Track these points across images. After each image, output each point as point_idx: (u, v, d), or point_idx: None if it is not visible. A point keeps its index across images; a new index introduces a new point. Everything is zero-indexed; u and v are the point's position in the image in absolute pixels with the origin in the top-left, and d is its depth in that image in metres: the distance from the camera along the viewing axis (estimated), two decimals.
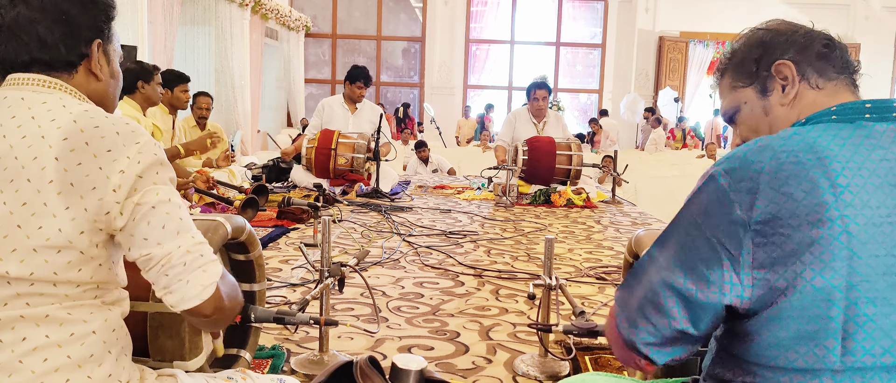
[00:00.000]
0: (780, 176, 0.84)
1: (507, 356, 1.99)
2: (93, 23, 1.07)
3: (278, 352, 1.92)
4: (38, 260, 0.95)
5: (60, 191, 0.95)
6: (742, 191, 0.85)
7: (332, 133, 5.18)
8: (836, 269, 0.81)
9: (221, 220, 1.37)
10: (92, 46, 1.08)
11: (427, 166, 7.97)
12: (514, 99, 13.77)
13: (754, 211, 0.84)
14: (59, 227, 0.95)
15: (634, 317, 0.93)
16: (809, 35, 1.04)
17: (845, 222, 0.81)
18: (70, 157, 0.95)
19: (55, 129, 0.97)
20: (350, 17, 13.95)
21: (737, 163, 0.88)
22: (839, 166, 0.84)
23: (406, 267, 3.03)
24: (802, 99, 1.01)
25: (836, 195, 0.82)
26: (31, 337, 0.96)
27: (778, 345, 0.85)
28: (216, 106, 8.31)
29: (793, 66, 1.02)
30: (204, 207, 3.94)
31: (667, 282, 0.90)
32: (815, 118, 0.94)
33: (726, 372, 0.92)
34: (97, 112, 1.02)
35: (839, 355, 0.82)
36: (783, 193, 0.83)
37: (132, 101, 3.77)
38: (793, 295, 0.82)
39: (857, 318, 0.81)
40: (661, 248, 0.94)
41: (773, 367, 0.86)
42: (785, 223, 0.83)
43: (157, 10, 6.55)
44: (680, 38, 13.47)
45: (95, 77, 1.09)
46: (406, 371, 1.41)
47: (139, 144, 1.00)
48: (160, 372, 1.12)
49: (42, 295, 0.97)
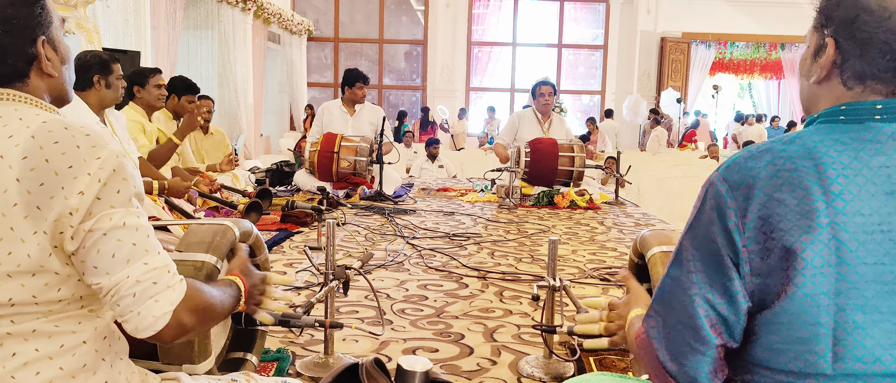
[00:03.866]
0: (774, 182, 0.84)
1: (511, 357, 1.99)
2: (32, 19, 0.99)
3: (284, 355, 1.93)
4: (13, 285, 0.92)
5: (27, 215, 0.91)
6: (739, 198, 0.86)
7: (335, 136, 5.19)
8: (825, 276, 0.81)
9: (229, 224, 1.38)
10: (37, 46, 1.00)
11: (434, 162, 7.99)
12: (516, 101, 13.77)
13: (747, 217, 0.84)
14: (28, 253, 0.92)
15: (677, 348, 0.89)
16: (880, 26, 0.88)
17: (835, 230, 0.82)
18: (31, 177, 0.91)
19: (14, 148, 0.92)
20: (352, 21, 13.98)
21: (735, 169, 0.88)
22: (835, 173, 0.83)
23: (410, 269, 3.04)
24: (832, 89, 0.93)
25: (829, 202, 0.82)
26: (20, 352, 0.94)
27: (773, 348, 0.85)
28: (219, 110, 8.34)
29: (834, 46, 0.92)
30: (208, 211, 3.95)
31: (698, 299, 0.88)
32: (823, 116, 0.92)
33: (730, 369, 0.92)
34: (56, 123, 0.95)
35: (831, 361, 0.82)
36: (775, 199, 0.84)
37: (137, 107, 3.78)
38: (784, 300, 0.83)
39: (846, 325, 0.82)
40: (680, 267, 0.91)
41: (770, 368, 0.86)
42: (776, 228, 0.83)
43: (160, 14, 6.58)
44: (682, 39, 13.47)
45: (49, 75, 1.02)
46: (412, 372, 1.42)
47: (100, 159, 0.94)
48: (164, 375, 1.13)
49: (25, 313, 0.94)
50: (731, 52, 13.89)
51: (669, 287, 0.92)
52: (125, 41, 5.59)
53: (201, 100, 4.95)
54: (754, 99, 15.58)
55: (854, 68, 0.90)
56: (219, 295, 1.09)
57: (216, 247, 1.30)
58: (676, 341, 0.89)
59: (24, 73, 1.00)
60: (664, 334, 0.91)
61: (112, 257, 0.94)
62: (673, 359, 0.90)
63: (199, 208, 3.90)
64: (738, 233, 0.85)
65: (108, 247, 0.94)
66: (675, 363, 0.89)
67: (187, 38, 8.42)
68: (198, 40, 8.82)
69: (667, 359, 0.90)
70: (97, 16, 5.19)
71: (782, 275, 0.83)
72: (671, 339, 0.90)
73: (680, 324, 0.89)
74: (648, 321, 0.94)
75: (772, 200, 0.84)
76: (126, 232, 0.95)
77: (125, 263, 0.94)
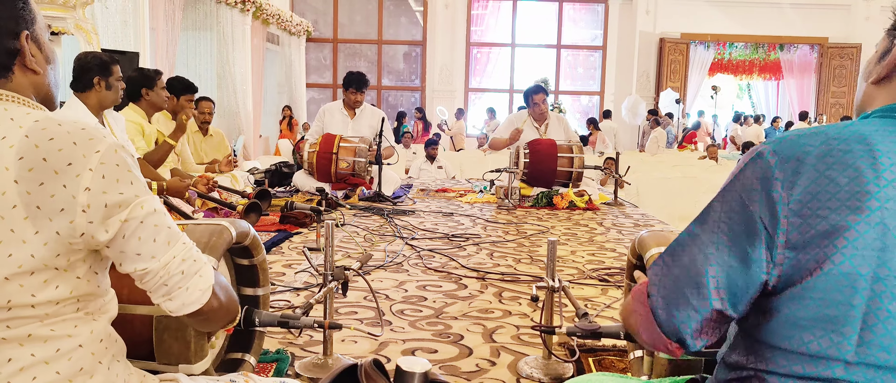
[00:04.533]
0: (827, 160, 0.84)
1: (510, 358, 1.99)
2: (12, 12, 0.97)
3: (283, 356, 1.93)
4: (11, 287, 0.92)
5: (27, 216, 0.90)
6: (787, 170, 0.85)
7: (334, 137, 5.19)
8: (865, 258, 0.81)
9: (226, 224, 1.38)
10: (20, 40, 0.98)
11: (433, 163, 7.99)
12: (515, 102, 13.78)
13: (795, 189, 0.84)
14: (32, 253, 0.91)
15: (674, 298, 0.90)
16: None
17: (884, 214, 0.81)
18: (30, 178, 0.90)
19: (8, 149, 0.90)
20: (351, 22, 13.98)
21: (787, 143, 0.88)
22: (888, 161, 0.83)
23: (409, 270, 3.04)
24: (889, 89, 0.94)
25: (880, 187, 0.82)
26: (16, 358, 0.93)
27: (795, 325, 0.84)
28: (218, 111, 8.33)
29: None
30: (207, 212, 3.94)
31: (710, 259, 0.88)
32: (878, 112, 0.92)
33: (741, 358, 0.91)
34: (49, 120, 0.94)
35: (855, 345, 0.81)
36: (826, 176, 0.83)
37: (137, 108, 3.78)
38: (818, 277, 0.82)
39: (878, 312, 0.81)
40: (703, 225, 0.91)
41: (786, 350, 0.85)
42: (823, 205, 0.83)
43: (158, 15, 6.58)
44: (681, 40, 13.48)
45: (33, 71, 1.00)
46: (411, 373, 1.41)
47: (99, 154, 0.93)
48: (162, 376, 1.12)
49: (21, 317, 0.93)
50: (730, 52, 13.90)
51: (685, 240, 0.92)
52: (124, 42, 5.59)
53: (202, 102, 4.95)
54: (753, 99, 15.59)
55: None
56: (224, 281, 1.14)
57: (213, 246, 1.30)
58: (675, 291, 0.90)
59: (6, 65, 0.98)
60: (665, 282, 0.92)
61: (154, 241, 0.97)
62: (665, 307, 0.91)
63: (198, 209, 3.89)
64: (782, 204, 0.84)
65: (148, 233, 0.96)
66: (666, 312, 0.90)
67: (186, 39, 8.42)
68: (196, 41, 8.82)
69: (659, 305, 0.91)
70: (96, 17, 5.19)
71: (819, 251, 0.82)
72: (671, 288, 0.91)
73: (685, 276, 0.90)
74: (654, 267, 0.95)
75: (822, 177, 0.84)
76: (159, 217, 0.98)
77: (167, 245, 0.98)
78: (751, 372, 0.89)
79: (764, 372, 0.88)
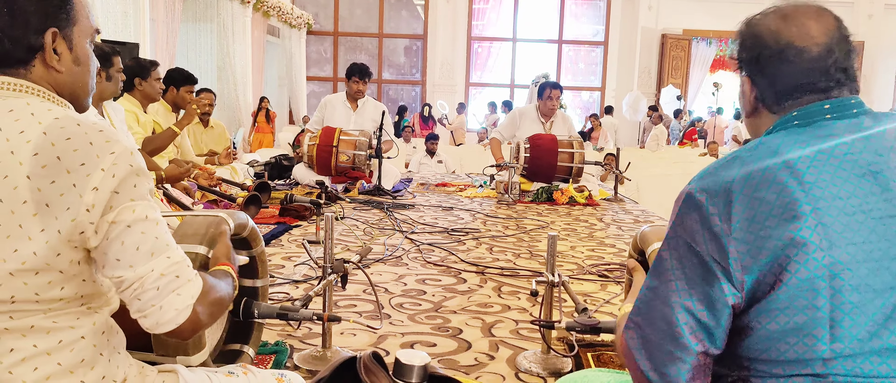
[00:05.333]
0: (751, 183, 0.88)
1: (509, 352, 1.99)
2: (41, 9, 0.97)
3: (281, 348, 1.92)
4: (16, 283, 0.92)
5: (36, 213, 0.90)
6: (719, 204, 0.88)
7: (334, 130, 5.18)
8: (817, 260, 0.84)
9: (224, 216, 1.37)
10: (45, 37, 0.98)
11: (433, 158, 7.98)
12: (516, 97, 13.76)
13: (733, 219, 0.87)
14: (35, 250, 0.91)
15: (658, 357, 0.91)
16: (776, 55, 0.99)
17: (819, 215, 0.84)
18: (43, 175, 0.90)
19: (25, 144, 0.91)
20: (352, 15, 13.95)
21: (710, 179, 0.91)
22: (804, 166, 0.87)
23: (408, 264, 3.03)
24: (763, 119, 1.02)
25: (806, 191, 0.86)
26: (18, 348, 0.93)
27: (769, 338, 0.86)
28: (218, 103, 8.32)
29: (748, 81, 1.03)
30: (206, 204, 3.94)
31: (677, 307, 0.89)
32: (780, 125, 0.97)
33: (721, 368, 0.93)
34: (68, 119, 0.94)
35: (828, 343, 0.84)
36: (756, 198, 0.87)
37: (132, 98, 3.76)
38: (779, 289, 0.85)
39: (842, 306, 0.84)
40: (659, 277, 0.93)
41: (765, 360, 0.87)
42: (763, 225, 0.86)
43: (159, 7, 6.56)
44: (682, 36, 13.45)
45: (55, 69, 1.00)
46: (410, 366, 1.41)
47: (114, 155, 0.93)
48: (161, 367, 1.12)
49: (24, 310, 0.94)
50: (732, 49, 13.86)
51: (648, 297, 0.94)
52: (124, 33, 5.57)
53: (203, 93, 4.94)
54: None
55: (770, 98, 0.99)
56: (225, 287, 1.09)
57: (210, 238, 1.30)
58: (656, 351, 0.91)
59: (24, 59, 0.97)
60: (644, 345, 0.93)
61: (136, 250, 0.93)
62: (654, 369, 0.91)
63: (198, 201, 3.89)
64: (725, 236, 0.87)
65: (131, 239, 0.93)
66: (657, 372, 0.91)
67: (186, 31, 8.40)
68: (197, 33, 8.80)
69: (648, 369, 0.92)
70: (96, 7, 5.17)
71: (775, 266, 0.85)
72: (651, 349, 0.92)
73: (660, 333, 0.91)
74: (628, 332, 0.96)
75: (753, 200, 0.87)
76: (148, 225, 0.95)
77: (149, 256, 0.94)
78: (734, 378, 0.92)
79: (747, 376, 0.90)
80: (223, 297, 1.06)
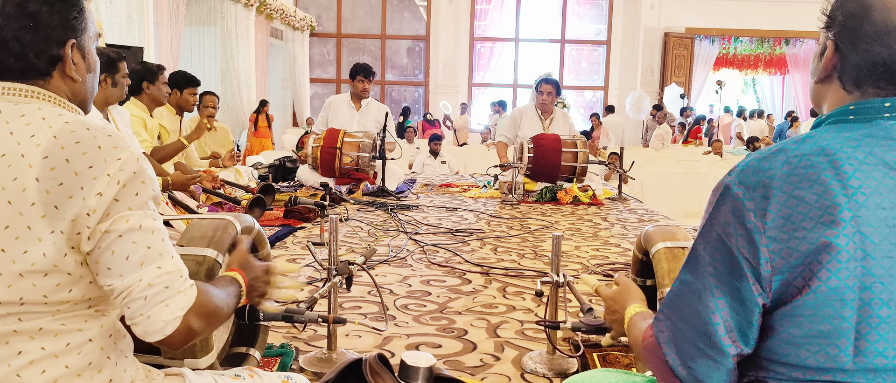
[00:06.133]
0: (792, 180, 0.84)
1: (514, 353, 1.99)
2: (63, 21, 0.99)
3: (287, 351, 1.93)
4: (25, 284, 0.93)
5: (44, 215, 0.91)
6: (756, 199, 0.85)
7: (338, 132, 5.19)
8: (849, 270, 0.80)
9: (231, 219, 1.38)
10: (65, 48, 1.00)
11: (436, 158, 7.98)
12: (519, 97, 13.75)
13: (768, 216, 0.84)
14: (44, 252, 0.92)
15: (687, 351, 0.88)
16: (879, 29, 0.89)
17: (858, 223, 0.81)
18: (51, 177, 0.91)
19: (35, 147, 0.92)
20: (354, 17, 13.97)
21: (750, 171, 0.87)
22: (851, 168, 0.83)
23: (413, 265, 3.04)
24: (833, 90, 0.94)
25: (849, 196, 0.82)
26: (26, 351, 0.94)
27: (791, 343, 0.84)
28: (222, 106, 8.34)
29: (833, 47, 0.93)
30: (211, 207, 3.95)
31: (710, 306, 0.87)
32: (833, 116, 0.92)
33: (740, 368, 0.91)
34: (78, 124, 0.96)
35: (851, 355, 0.81)
36: (795, 197, 0.83)
37: (139, 102, 3.78)
38: (807, 295, 0.82)
39: (870, 320, 0.81)
40: (694, 272, 0.90)
41: (785, 364, 0.86)
42: (798, 225, 0.82)
43: (162, 11, 6.58)
44: (685, 34, 13.43)
45: (72, 79, 1.03)
46: (415, 368, 1.41)
47: (121, 161, 0.94)
48: (168, 371, 1.12)
49: (33, 312, 0.94)
50: (735, 47, 13.84)
51: (681, 291, 0.91)
52: (128, 37, 5.60)
53: (206, 96, 4.96)
54: (758, 94, 15.52)
55: (851, 75, 0.91)
56: (224, 297, 1.08)
57: (217, 241, 1.30)
58: (687, 345, 0.89)
59: (45, 71, 1.00)
60: (674, 338, 0.90)
61: (126, 259, 0.94)
62: (683, 364, 0.89)
63: (203, 203, 3.90)
64: (758, 233, 0.84)
65: (122, 249, 0.93)
66: (685, 368, 0.89)
67: (190, 35, 8.43)
68: (201, 36, 8.83)
69: (677, 364, 0.89)
70: (100, 12, 5.19)
71: (805, 270, 0.82)
72: (681, 343, 0.89)
73: (692, 329, 0.88)
74: (658, 325, 0.93)
75: (791, 198, 0.83)
76: (141, 234, 0.95)
77: (138, 266, 0.94)
78: (751, 378, 0.90)
79: (765, 378, 0.88)
80: (220, 308, 1.05)
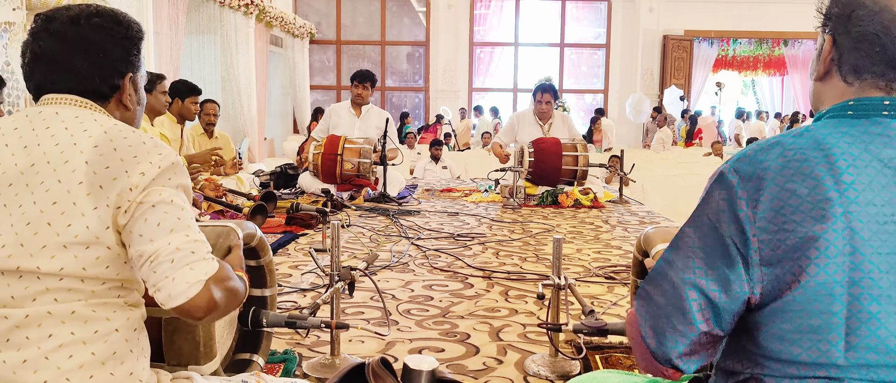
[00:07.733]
0: (785, 172, 0.85)
1: (517, 356, 1.99)
2: (125, 55, 1.14)
3: (290, 356, 1.93)
4: (67, 255, 0.99)
5: (89, 192, 1.00)
6: (749, 189, 0.86)
7: (339, 139, 5.20)
8: (839, 265, 0.81)
9: (232, 226, 1.39)
10: (124, 80, 1.14)
11: (437, 163, 7.99)
12: (519, 101, 13.76)
13: (759, 206, 0.85)
14: (87, 225, 0.99)
15: (661, 327, 0.90)
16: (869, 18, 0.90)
17: (849, 219, 0.82)
18: (99, 161, 1.02)
19: (87, 138, 1.04)
20: (354, 23, 13.99)
21: (746, 161, 0.88)
22: (845, 163, 0.84)
23: (415, 270, 3.04)
24: (833, 85, 0.95)
25: (841, 192, 0.82)
26: (57, 334, 0.99)
27: (783, 338, 0.85)
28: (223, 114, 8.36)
29: (830, 42, 0.94)
30: (213, 215, 3.96)
31: (690, 284, 0.88)
32: (832, 111, 0.93)
33: (736, 364, 0.92)
34: (125, 127, 1.09)
35: (843, 351, 0.82)
36: (787, 189, 0.84)
37: None
38: (796, 290, 0.83)
39: (860, 315, 0.82)
40: (677, 251, 0.92)
41: (779, 360, 0.86)
42: (789, 218, 0.83)
43: (162, 19, 6.60)
44: (684, 37, 13.44)
45: (125, 107, 1.16)
46: (418, 371, 1.42)
47: (162, 155, 1.06)
48: (176, 375, 1.14)
49: (70, 290, 1.00)
50: (734, 48, 13.84)
51: (662, 269, 0.93)
52: None
53: (207, 104, 4.97)
54: (758, 96, 15.52)
55: (849, 62, 0.92)
56: (240, 282, 1.13)
57: (219, 249, 1.31)
58: (661, 319, 0.90)
59: (106, 96, 1.13)
60: (650, 311, 0.92)
61: (157, 225, 1.00)
62: (654, 337, 0.91)
63: (205, 211, 3.91)
64: (749, 223, 0.85)
65: (154, 216, 1.01)
66: (656, 340, 0.91)
67: (190, 43, 8.44)
68: (200, 45, 8.84)
69: (648, 335, 0.92)
70: None
71: (794, 264, 0.83)
72: (656, 317, 0.91)
73: (668, 304, 0.90)
74: (638, 301, 0.96)
75: (784, 191, 0.84)
76: (172, 207, 1.02)
77: (168, 232, 1.01)
78: (747, 375, 0.90)
79: (761, 375, 0.88)
80: (238, 288, 1.10)
